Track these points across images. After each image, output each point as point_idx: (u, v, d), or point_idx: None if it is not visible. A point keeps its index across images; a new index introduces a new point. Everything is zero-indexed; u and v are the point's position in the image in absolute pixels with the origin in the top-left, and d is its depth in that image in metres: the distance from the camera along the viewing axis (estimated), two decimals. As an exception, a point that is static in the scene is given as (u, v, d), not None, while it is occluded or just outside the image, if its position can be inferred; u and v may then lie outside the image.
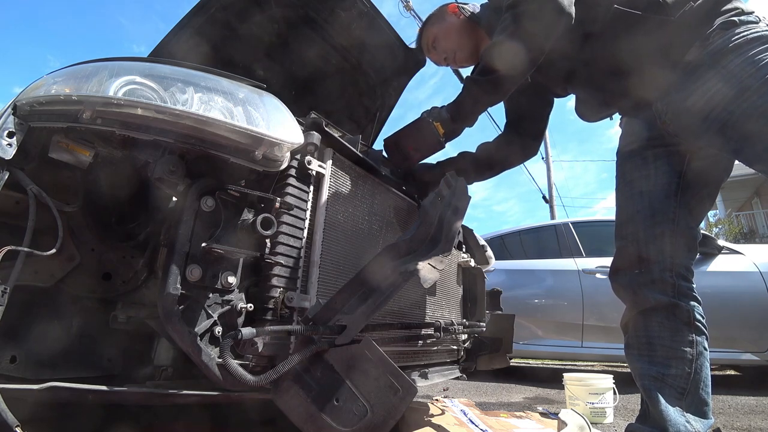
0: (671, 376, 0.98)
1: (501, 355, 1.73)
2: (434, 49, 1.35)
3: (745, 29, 0.90)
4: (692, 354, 0.98)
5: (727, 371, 3.88)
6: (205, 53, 1.62)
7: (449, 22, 1.30)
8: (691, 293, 1.04)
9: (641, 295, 1.05)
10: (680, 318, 1.01)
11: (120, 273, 0.93)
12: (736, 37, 0.90)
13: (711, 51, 0.92)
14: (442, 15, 1.32)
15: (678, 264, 1.05)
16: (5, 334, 0.76)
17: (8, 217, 0.77)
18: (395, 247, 0.88)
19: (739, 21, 0.91)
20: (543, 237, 3.70)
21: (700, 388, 0.97)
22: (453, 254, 1.58)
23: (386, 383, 0.69)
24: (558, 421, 1.36)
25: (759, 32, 0.89)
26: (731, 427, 1.71)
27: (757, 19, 0.93)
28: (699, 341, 1.00)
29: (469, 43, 1.29)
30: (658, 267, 1.04)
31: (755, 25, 0.91)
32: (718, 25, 0.93)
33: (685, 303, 1.02)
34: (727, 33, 0.91)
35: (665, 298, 1.02)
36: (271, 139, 0.78)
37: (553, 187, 9.75)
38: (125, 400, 0.80)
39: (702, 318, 1.02)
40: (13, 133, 0.68)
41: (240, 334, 0.69)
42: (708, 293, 2.64)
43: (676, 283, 1.03)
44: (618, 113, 1.23)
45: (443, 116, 1.16)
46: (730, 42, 0.90)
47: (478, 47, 1.29)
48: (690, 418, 0.93)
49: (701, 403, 0.96)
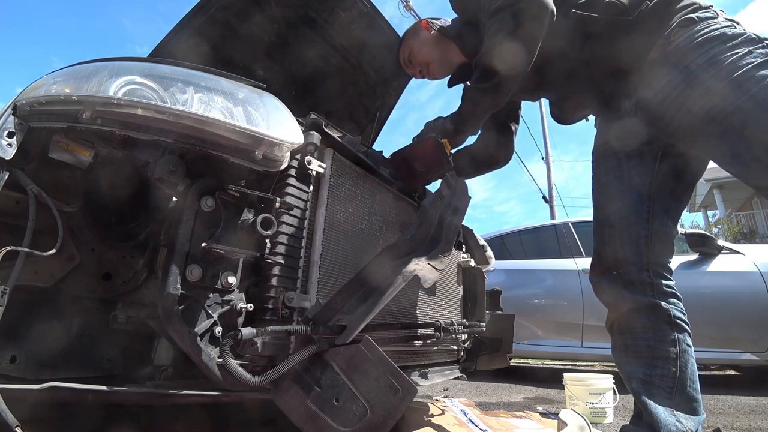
0: (658, 376, 0.98)
1: (501, 355, 1.73)
2: (410, 63, 1.41)
3: (704, 26, 0.91)
4: (676, 353, 0.98)
5: (727, 371, 3.89)
6: (205, 53, 1.62)
7: (422, 37, 1.37)
8: (670, 290, 1.05)
9: (621, 297, 1.06)
10: (661, 318, 1.01)
11: (120, 273, 0.93)
12: (697, 36, 0.91)
13: (674, 49, 0.94)
14: (415, 31, 1.40)
15: (655, 263, 1.05)
16: (5, 334, 0.76)
17: (8, 217, 0.77)
18: (395, 247, 0.88)
19: (698, 18, 0.93)
20: (543, 237, 3.70)
21: (688, 385, 0.97)
22: (453, 254, 1.58)
23: (386, 383, 0.69)
24: (558, 421, 1.36)
25: (719, 29, 0.90)
26: (731, 427, 1.71)
27: (714, 14, 0.93)
28: (681, 339, 1.00)
29: (441, 56, 1.36)
30: (636, 267, 1.05)
31: (714, 21, 0.92)
32: (677, 22, 0.94)
33: (664, 302, 1.02)
34: (687, 30, 0.92)
35: (645, 299, 1.02)
36: (271, 139, 0.78)
37: (553, 187, 9.75)
38: (125, 400, 0.80)
39: (683, 314, 1.02)
40: (13, 133, 0.68)
41: (240, 334, 0.69)
42: (708, 293, 2.68)
43: (654, 282, 1.03)
44: (592, 114, 1.25)
45: (447, 128, 1.16)
46: (691, 40, 0.91)
47: (449, 59, 1.36)
48: (680, 416, 0.94)
49: (690, 400, 0.96)
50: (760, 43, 0.86)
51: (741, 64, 0.84)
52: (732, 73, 0.84)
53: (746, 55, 0.85)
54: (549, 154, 9.99)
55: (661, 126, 0.99)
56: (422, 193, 1.40)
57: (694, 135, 0.94)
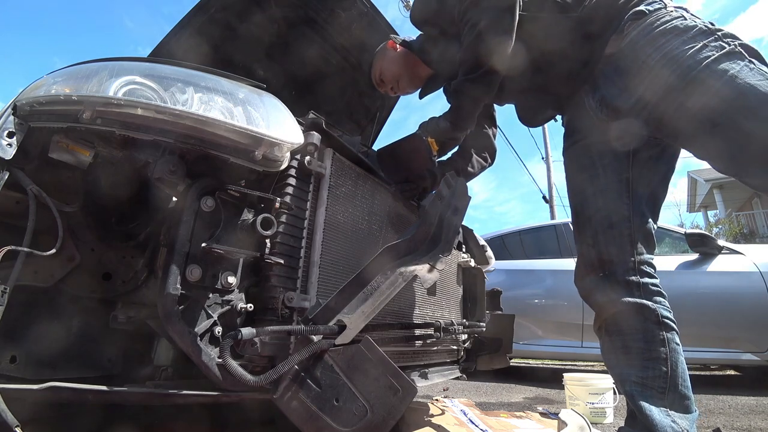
0: (650, 377, 0.97)
1: (501, 355, 1.73)
2: (381, 82, 1.48)
3: (654, 18, 0.92)
4: (666, 353, 0.97)
5: (727, 371, 3.89)
6: (205, 53, 1.62)
7: (389, 56, 1.45)
8: (656, 289, 1.03)
9: (609, 299, 1.04)
10: (649, 318, 1.00)
11: (120, 273, 0.93)
12: (650, 29, 0.92)
13: (629, 44, 0.95)
14: (383, 51, 1.48)
15: (640, 261, 1.04)
16: (5, 334, 0.76)
17: (8, 217, 0.77)
18: (395, 247, 0.88)
19: (647, 10, 0.93)
20: (543, 237, 3.70)
21: (679, 384, 0.96)
22: (453, 254, 1.59)
23: (386, 383, 0.69)
24: (558, 421, 1.36)
25: (670, 21, 0.90)
26: (731, 427, 1.71)
27: (662, 3, 0.94)
28: (670, 338, 0.99)
29: (409, 70, 1.43)
30: (622, 268, 1.03)
31: (663, 11, 0.93)
32: (628, 16, 0.95)
33: (651, 302, 1.01)
34: (639, 24, 0.93)
35: (632, 300, 1.01)
36: (271, 139, 0.78)
37: (553, 187, 9.75)
38: (125, 400, 0.80)
39: (669, 313, 1.01)
40: (13, 133, 0.68)
41: (240, 334, 0.69)
42: (708, 293, 2.68)
43: (640, 282, 1.02)
44: (558, 114, 1.25)
45: (441, 126, 1.16)
46: (645, 34, 0.92)
47: (417, 72, 1.44)
48: (675, 416, 0.93)
49: (682, 398, 0.96)
50: (712, 36, 0.87)
51: (699, 58, 0.85)
52: (692, 70, 0.85)
53: (702, 49, 0.86)
54: (549, 155, 9.99)
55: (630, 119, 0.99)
56: (422, 193, 1.40)
57: (666, 131, 0.94)
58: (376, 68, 1.48)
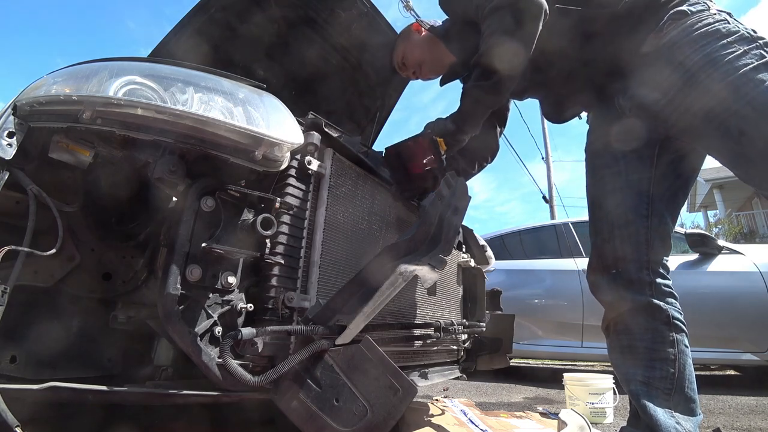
0: (656, 378, 0.97)
1: (501, 355, 1.73)
2: (404, 65, 1.44)
3: (697, 19, 0.90)
4: (674, 354, 0.97)
5: (727, 371, 3.89)
6: (205, 53, 1.62)
7: (414, 39, 1.40)
8: (668, 290, 1.03)
9: (620, 296, 1.04)
10: (660, 318, 1.00)
11: (120, 273, 0.93)
12: (691, 30, 0.89)
13: (667, 43, 0.92)
14: (407, 34, 1.42)
15: (654, 261, 1.04)
16: (5, 334, 0.76)
17: (8, 217, 0.77)
18: (395, 247, 0.88)
19: (690, 11, 0.91)
20: (543, 237, 3.70)
21: (686, 386, 0.96)
22: (453, 254, 1.58)
23: (386, 383, 0.69)
24: (558, 421, 1.36)
25: (713, 25, 0.88)
26: (731, 427, 1.71)
27: (705, 5, 0.92)
28: (679, 339, 0.98)
29: (432, 56, 1.38)
30: (635, 266, 1.03)
31: (706, 13, 0.90)
32: (669, 15, 0.92)
33: (662, 302, 1.01)
34: (679, 24, 0.91)
35: (644, 299, 1.01)
36: (271, 139, 0.78)
37: (553, 187, 9.76)
38: (125, 400, 0.80)
39: (680, 314, 1.01)
40: (13, 133, 0.68)
41: (240, 334, 0.69)
42: (708, 293, 2.68)
43: (653, 281, 1.02)
44: (585, 110, 1.24)
45: (448, 128, 1.15)
46: (685, 35, 0.90)
47: (441, 58, 1.38)
48: (679, 418, 0.93)
49: (688, 401, 0.96)
50: (754, 43, 0.85)
51: (737, 65, 0.83)
52: (729, 75, 0.83)
53: (742, 56, 0.84)
54: (549, 155, 10.00)
55: (660, 122, 0.98)
56: (422, 192, 1.40)
57: (693, 134, 0.93)
58: (399, 51, 1.42)
